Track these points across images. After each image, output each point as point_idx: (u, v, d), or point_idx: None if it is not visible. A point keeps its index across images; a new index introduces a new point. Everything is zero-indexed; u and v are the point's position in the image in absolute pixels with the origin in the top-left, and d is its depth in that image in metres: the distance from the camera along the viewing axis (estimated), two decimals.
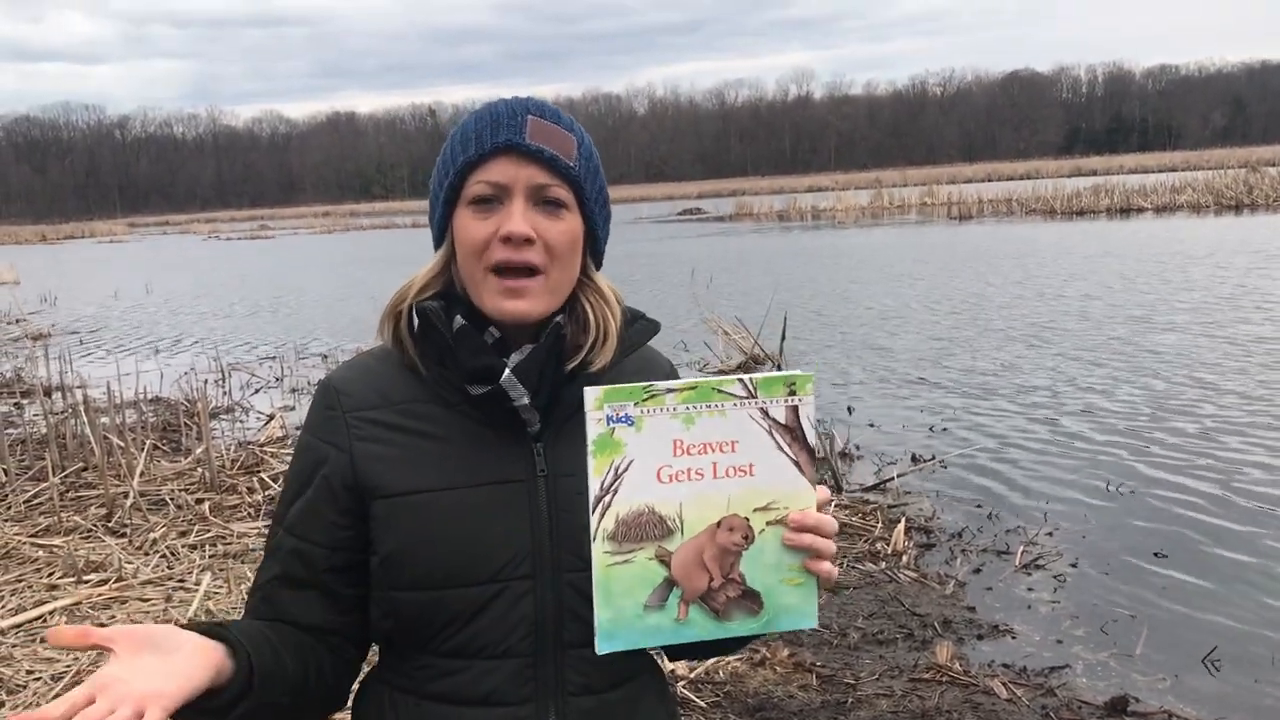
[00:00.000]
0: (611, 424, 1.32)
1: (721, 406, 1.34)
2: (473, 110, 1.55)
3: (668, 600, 1.35)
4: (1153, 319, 13.70)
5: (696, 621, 1.36)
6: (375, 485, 1.47)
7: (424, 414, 1.50)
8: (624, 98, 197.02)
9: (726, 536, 1.35)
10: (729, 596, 1.36)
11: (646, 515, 1.33)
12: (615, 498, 1.32)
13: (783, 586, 1.38)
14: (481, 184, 1.46)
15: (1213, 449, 7.79)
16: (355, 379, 1.55)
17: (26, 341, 17.22)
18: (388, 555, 1.46)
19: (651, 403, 1.33)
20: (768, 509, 1.36)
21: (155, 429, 9.14)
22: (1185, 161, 78.74)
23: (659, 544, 1.34)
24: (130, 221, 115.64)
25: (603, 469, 1.32)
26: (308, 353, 14.86)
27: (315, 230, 70.06)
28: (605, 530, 1.32)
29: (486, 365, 1.44)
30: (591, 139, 1.56)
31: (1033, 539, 6.20)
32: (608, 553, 1.33)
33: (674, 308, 16.76)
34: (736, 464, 1.35)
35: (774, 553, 1.37)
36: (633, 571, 1.33)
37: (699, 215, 57.61)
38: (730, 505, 1.35)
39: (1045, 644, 4.88)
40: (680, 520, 1.34)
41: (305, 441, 1.54)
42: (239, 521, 6.55)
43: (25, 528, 6.49)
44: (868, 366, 11.79)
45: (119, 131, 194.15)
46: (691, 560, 1.34)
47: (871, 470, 7.72)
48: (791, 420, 1.36)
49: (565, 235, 1.47)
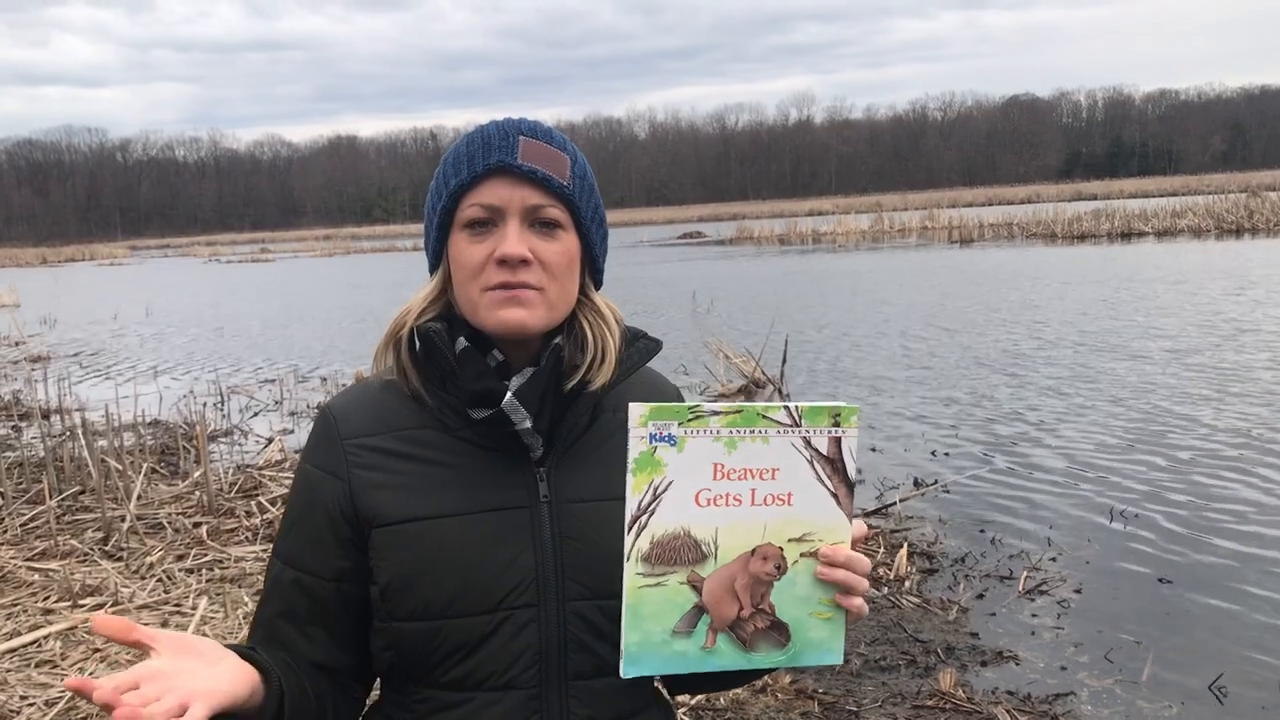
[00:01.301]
0: (654, 442, 1.29)
1: (765, 433, 1.32)
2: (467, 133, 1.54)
3: (696, 627, 1.32)
4: (1157, 344, 13.68)
5: (723, 651, 1.33)
6: (374, 514, 1.44)
7: (425, 440, 1.47)
8: (625, 121, 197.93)
9: (760, 565, 1.33)
10: (757, 627, 1.34)
11: (682, 539, 1.31)
12: (652, 519, 1.30)
13: (811, 620, 1.35)
14: (475, 207, 1.44)
15: (1217, 474, 7.75)
16: (354, 405, 1.53)
17: (26, 364, 17.20)
18: (388, 584, 1.43)
19: (696, 424, 1.30)
20: (803, 540, 1.34)
21: (153, 452, 9.10)
22: (1185, 186, 78.99)
23: (692, 568, 1.31)
24: (131, 244, 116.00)
25: (641, 487, 1.29)
26: (307, 376, 14.84)
27: (316, 253, 70.19)
28: (640, 551, 1.30)
29: (488, 388, 1.42)
30: (586, 158, 1.54)
31: (1036, 564, 6.15)
32: (640, 574, 1.30)
33: (675, 331, 16.75)
34: (775, 492, 1.33)
35: (806, 585, 1.35)
36: (664, 595, 1.30)
37: (699, 239, 57.69)
38: (766, 534, 1.33)
39: (1050, 670, 4.83)
40: (715, 546, 1.31)
41: (304, 471, 1.52)
42: (236, 545, 6.51)
43: (21, 551, 6.44)
44: (869, 390, 11.76)
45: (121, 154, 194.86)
46: (723, 588, 1.32)
47: (873, 494, 7.68)
48: (833, 452, 1.34)
49: (562, 255, 1.46)
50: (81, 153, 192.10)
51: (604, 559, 1.38)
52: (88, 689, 1.10)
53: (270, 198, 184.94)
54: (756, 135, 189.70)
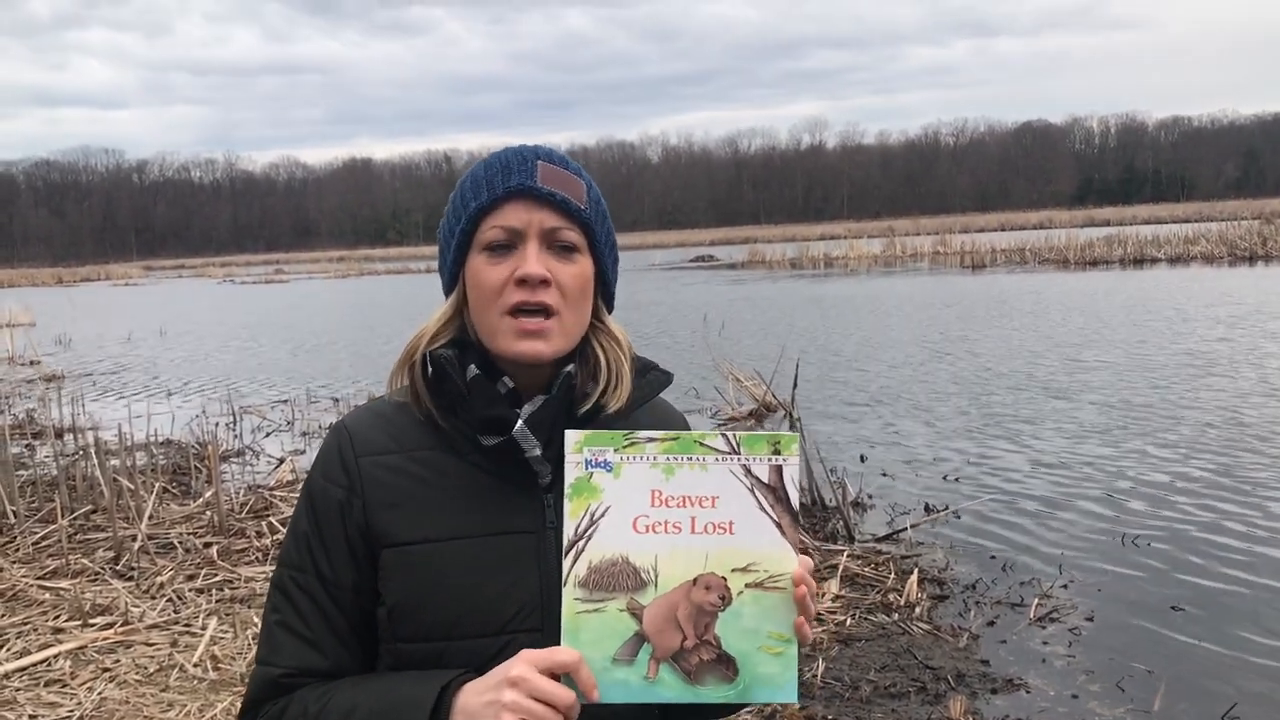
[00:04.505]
0: (590, 468, 1.30)
1: (703, 460, 1.32)
2: (481, 158, 1.56)
3: (637, 656, 1.30)
4: (1173, 371, 13.63)
5: (666, 682, 1.31)
6: (385, 532, 1.46)
7: (436, 462, 1.49)
8: (638, 145, 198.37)
9: (702, 595, 1.31)
10: (702, 659, 1.31)
11: (620, 565, 1.30)
12: (589, 544, 1.30)
13: (760, 654, 1.32)
14: (495, 229, 1.46)
15: (1232, 503, 7.70)
16: (368, 423, 1.54)
17: (40, 383, 17.29)
18: (395, 605, 1.44)
19: (631, 450, 1.31)
20: (747, 570, 1.32)
21: (165, 472, 9.13)
22: (1198, 213, 78.71)
23: (631, 596, 1.30)
24: (146, 265, 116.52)
25: (578, 513, 1.30)
26: (319, 397, 14.87)
27: (330, 275, 70.44)
28: (577, 576, 1.29)
29: (499, 416, 1.43)
30: (600, 187, 1.57)
31: (1047, 591, 6.12)
32: (578, 599, 1.29)
33: (686, 354, 16.75)
34: (716, 520, 1.31)
35: (753, 617, 1.32)
36: (603, 621, 1.30)
37: (712, 263, 57.75)
38: (708, 563, 1.31)
39: (1060, 699, 4.79)
40: (655, 573, 1.30)
41: (317, 486, 1.52)
42: (247, 566, 6.52)
43: (33, 569, 6.46)
44: (880, 415, 11.73)
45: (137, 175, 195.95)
46: (664, 616, 1.30)
47: (884, 520, 7.65)
48: (775, 480, 1.33)
49: (578, 278, 1.48)
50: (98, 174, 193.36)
51: None
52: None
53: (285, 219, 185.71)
54: (769, 160, 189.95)
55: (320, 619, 1.48)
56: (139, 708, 4.56)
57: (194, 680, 4.86)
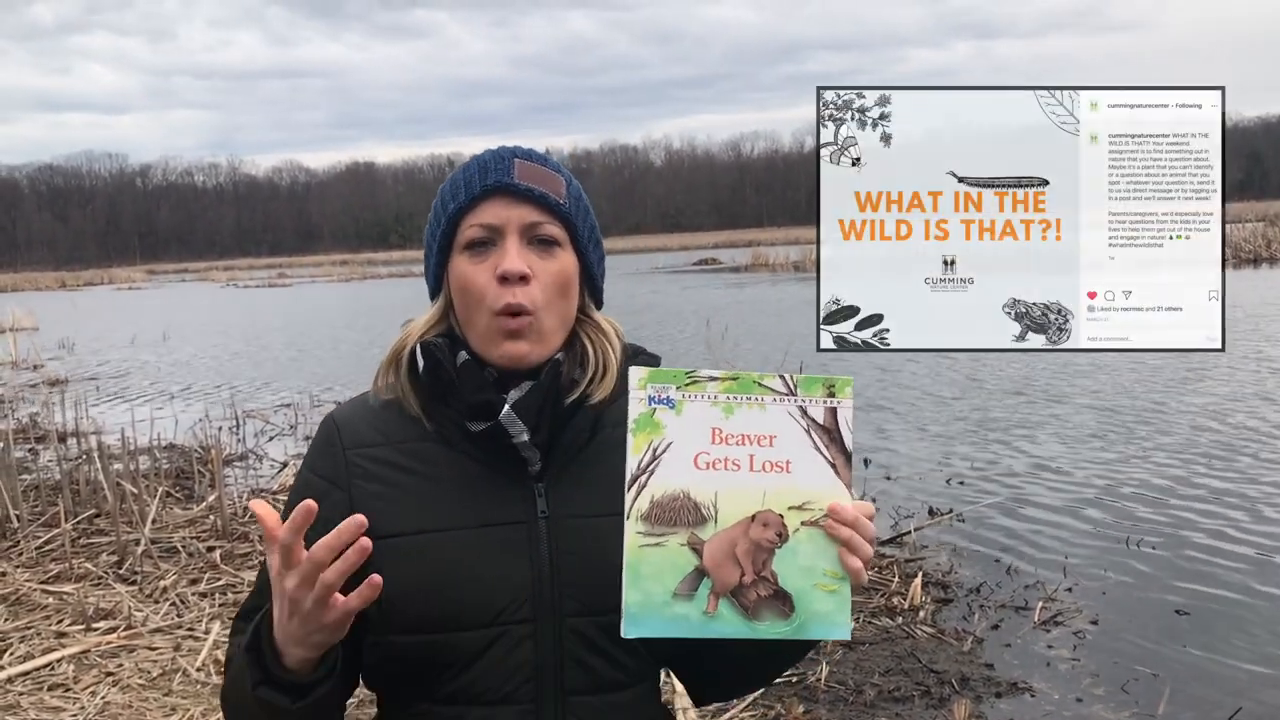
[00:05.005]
0: (653, 404, 1.32)
1: (761, 400, 1.34)
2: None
3: (697, 590, 1.32)
4: (1174, 375, 13.62)
5: (725, 617, 1.33)
6: (373, 525, 1.45)
7: (424, 453, 1.49)
8: (641, 149, 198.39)
9: (760, 531, 1.33)
10: (760, 595, 1.33)
11: (681, 500, 1.32)
12: (651, 478, 1.31)
13: (815, 591, 1.35)
14: (475, 227, 1.47)
15: (1235, 504, 7.70)
16: (356, 416, 1.55)
17: (43, 387, 17.30)
18: (384, 598, 1.43)
19: (693, 388, 1.33)
20: (803, 509, 1.35)
21: (168, 476, 9.13)
22: None
23: (692, 530, 1.32)
24: (149, 269, 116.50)
25: (641, 448, 1.32)
26: (322, 400, 14.87)
27: (333, 279, 70.47)
28: (639, 510, 1.31)
29: (487, 400, 1.44)
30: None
31: (1052, 595, 6.11)
32: (640, 533, 1.31)
33: (688, 357, 16.74)
34: (774, 459, 1.34)
35: (808, 555, 1.35)
36: (664, 555, 1.31)
37: (715, 265, 57.76)
38: (766, 500, 1.34)
39: (1065, 703, 4.79)
40: (715, 509, 1.33)
41: (304, 478, 1.53)
42: (250, 570, 6.51)
43: (36, 574, 6.47)
44: (883, 417, 11.73)
45: (140, 180, 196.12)
46: (724, 552, 1.32)
47: (888, 523, 7.64)
48: (830, 422, 1.36)
49: (560, 273, 1.49)
50: (102, 178, 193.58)
51: (602, 575, 1.38)
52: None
53: (288, 223, 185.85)
54: (772, 163, 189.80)
55: None
56: (142, 712, 4.56)
57: (197, 685, 4.87)
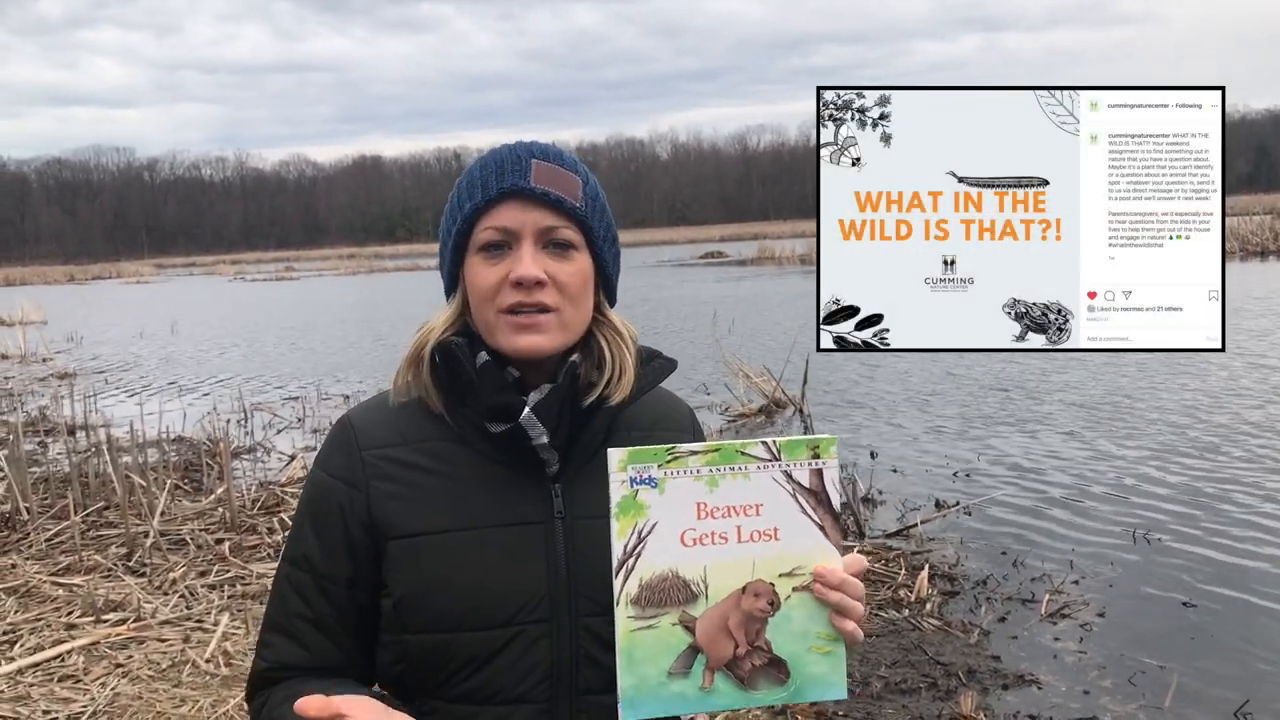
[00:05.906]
0: (635, 486, 1.30)
1: (745, 469, 1.33)
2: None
3: (692, 668, 1.32)
4: (1184, 369, 13.59)
5: (722, 690, 1.33)
6: (390, 525, 1.46)
7: (442, 453, 1.49)
8: (647, 142, 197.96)
9: (752, 602, 1.33)
10: (755, 665, 1.33)
11: (670, 579, 1.31)
12: (638, 561, 1.30)
13: (810, 655, 1.35)
14: (490, 230, 1.46)
15: (1242, 497, 7.68)
16: (373, 416, 1.55)
17: (52, 380, 17.35)
18: (402, 597, 1.44)
19: (674, 464, 1.32)
20: (793, 574, 1.34)
21: (177, 468, 9.16)
22: None
23: (683, 609, 1.31)
24: (157, 262, 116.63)
25: (625, 532, 1.30)
26: (330, 393, 14.89)
27: (340, 272, 70.55)
28: (628, 594, 1.30)
29: (507, 402, 1.44)
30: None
31: (1058, 587, 6.11)
32: (631, 617, 1.30)
33: (695, 350, 16.74)
34: (761, 528, 1.33)
35: (801, 620, 1.34)
36: (656, 637, 1.31)
37: (721, 259, 57.69)
38: (756, 570, 1.33)
39: (1072, 695, 4.79)
40: (705, 585, 1.32)
41: (320, 479, 1.53)
42: (258, 562, 6.54)
43: (46, 566, 6.50)
44: (891, 410, 11.73)
45: (148, 174, 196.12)
46: (716, 626, 1.32)
47: (895, 516, 7.65)
48: (815, 484, 1.35)
49: (576, 276, 1.48)
50: (109, 172, 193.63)
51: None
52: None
53: (295, 217, 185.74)
54: (778, 156, 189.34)
55: (308, 614, 1.49)
56: (151, 703, 4.58)
57: (206, 676, 4.88)
